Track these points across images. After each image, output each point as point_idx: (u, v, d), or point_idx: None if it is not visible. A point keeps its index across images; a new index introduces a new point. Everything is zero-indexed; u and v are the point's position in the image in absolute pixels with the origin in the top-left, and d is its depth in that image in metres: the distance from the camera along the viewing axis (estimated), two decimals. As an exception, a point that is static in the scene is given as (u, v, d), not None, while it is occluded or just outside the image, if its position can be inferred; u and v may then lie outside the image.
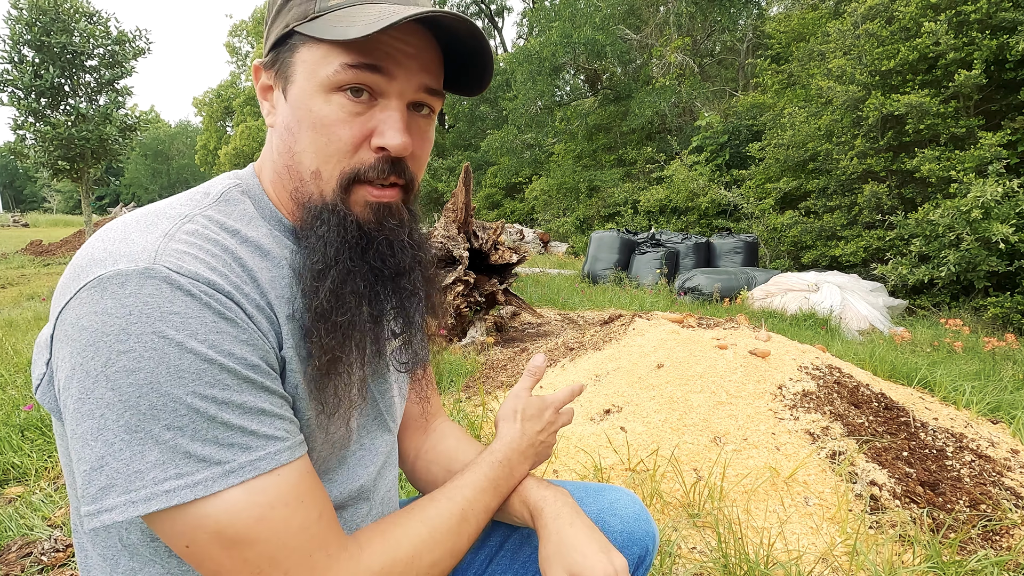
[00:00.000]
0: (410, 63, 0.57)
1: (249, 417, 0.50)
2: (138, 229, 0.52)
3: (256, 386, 0.51)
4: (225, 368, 0.49)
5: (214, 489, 0.47)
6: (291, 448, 0.53)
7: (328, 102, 0.56)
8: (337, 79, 0.55)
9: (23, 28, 11.64)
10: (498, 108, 20.45)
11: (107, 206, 44.29)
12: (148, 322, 0.46)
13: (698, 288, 6.46)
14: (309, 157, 0.57)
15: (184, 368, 0.47)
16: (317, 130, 0.56)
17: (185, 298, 0.48)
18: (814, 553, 1.52)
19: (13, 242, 17.36)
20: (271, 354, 0.54)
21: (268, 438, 0.51)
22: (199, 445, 0.47)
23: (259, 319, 0.53)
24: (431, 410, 0.88)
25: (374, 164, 0.58)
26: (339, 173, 0.57)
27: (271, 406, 0.52)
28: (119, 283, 0.47)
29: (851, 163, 7.87)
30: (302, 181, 0.59)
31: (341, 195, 0.58)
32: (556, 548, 0.67)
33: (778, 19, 13.82)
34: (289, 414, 0.55)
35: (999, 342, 4.37)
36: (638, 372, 2.43)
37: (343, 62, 0.54)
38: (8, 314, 5.24)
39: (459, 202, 3.95)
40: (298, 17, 0.56)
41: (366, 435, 0.69)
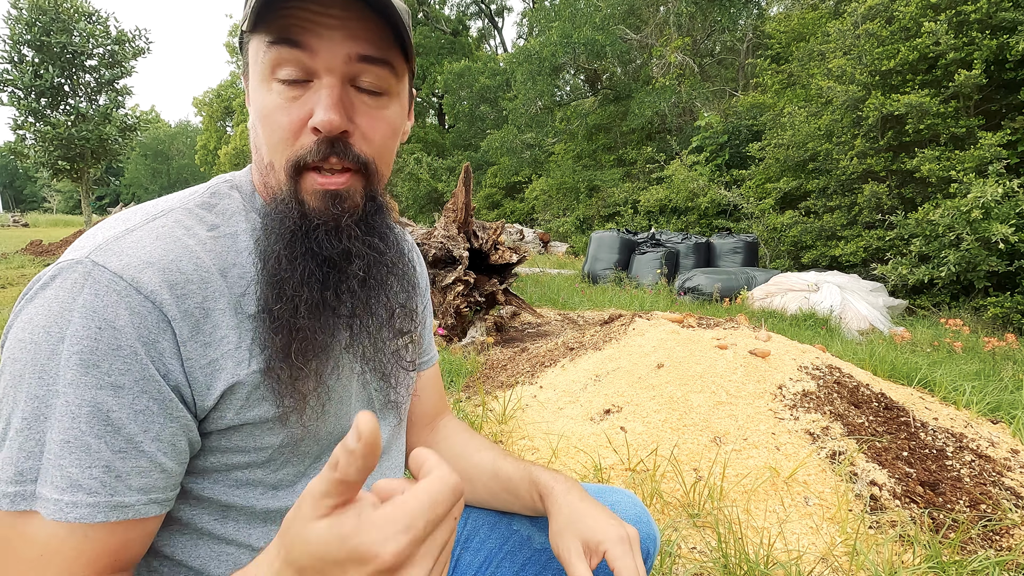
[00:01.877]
0: (332, 33, 0.53)
1: (68, 449, 0.45)
2: (109, 225, 0.54)
3: (97, 414, 0.46)
4: (75, 383, 0.45)
5: (18, 507, 0.45)
6: (93, 507, 0.46)
7: (269, 91, 0.55)
8: (266, 62, 0.54)
9: (23, 28, 11.64)
10: (498, 108, 20.45)
11: (107, 206, 44.25)
12: (45, 315, 0.47)
13: (698, 288, 6.46)
14: (265, 150, 0.57)
15: (45, 370, 0.46)
16: (263, 121, 0.55)
17: (87, 296, 0.47)
18: (814, 553, 1.52)
19: (13, 242, 17.35)
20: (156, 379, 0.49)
21: (72, 483, 0.45)
22: (23, 456, 0.45)
23: (180, 325, 0.50)
24: (436, 408, 0.88)
25: (311, 147, 0.54)
26: (285, 162, 0.55)
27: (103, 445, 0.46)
28: (53, 275, 0.49)
29: (851, 163, 7.87)
30: (266, 174, 0.59)
31: (291, 185, 0.56)
32: (568, 519, 0.67)
33: (778, 19, 13.81)
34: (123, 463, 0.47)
35: (999, 342, 4.37)
36: (638, 372, 2.43)
37: (267, 41, 0.53)
38: (8, 314, 5.23)
39: (459, 202, 3.95)
40: (244, 18, 0.56)
41: None
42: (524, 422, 2.34)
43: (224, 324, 0.54)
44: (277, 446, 0.59)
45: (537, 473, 0.75)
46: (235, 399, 0.54)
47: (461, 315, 3.89)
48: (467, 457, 0.81)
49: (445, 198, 18.33)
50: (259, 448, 0.58)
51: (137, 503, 0.49)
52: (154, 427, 0.49)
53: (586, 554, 0.64)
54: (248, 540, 0.60)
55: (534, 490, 0.73)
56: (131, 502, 0.48)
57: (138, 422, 0.48)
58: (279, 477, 0.60)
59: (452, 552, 0.83)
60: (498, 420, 2.38)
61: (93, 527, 0.46)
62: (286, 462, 0.60)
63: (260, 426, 0.57)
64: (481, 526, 0.83)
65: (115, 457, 0.47)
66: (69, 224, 29.28)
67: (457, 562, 0.83)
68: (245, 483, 0.58)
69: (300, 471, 0.62)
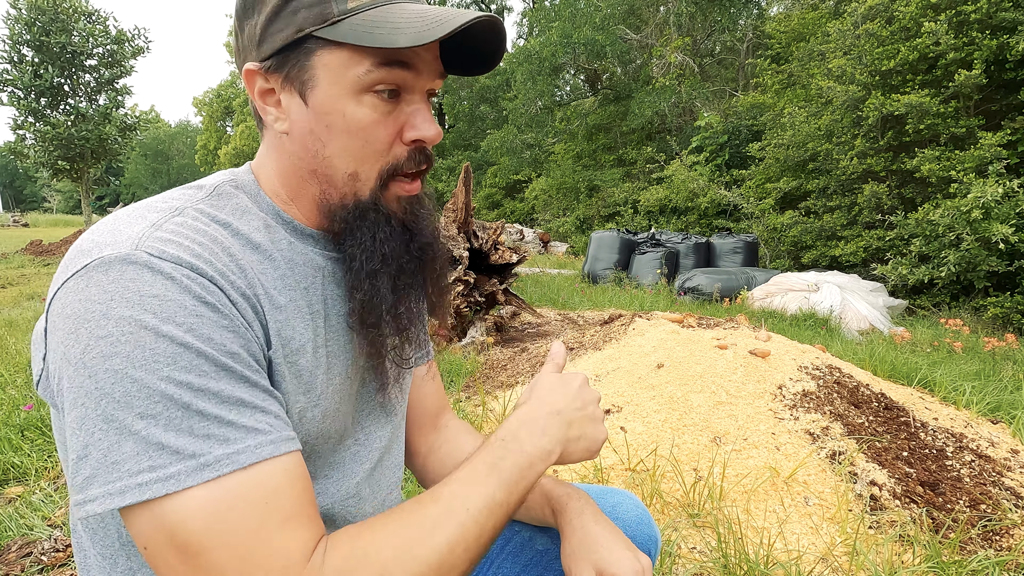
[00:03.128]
0: (428, 55, 0.58)
1: (227, 407, 0.47)
2: (127, 221, 0.53)
3: (235, 375, 0.48)
4: (202, 354, 0.46)
5: (187, 484, 0.44)
6: (274, 443, 0.49)
7: (360, 104, 0.56)
8: (369, 79, 0.55)
9: (22, 28, 11.64)
10: (498, 108, 20.45)
11: (107, 206, 44.27)
12: (126, 306, 0.45)
13: (698, 288, 6.46)
14: (344, 160, 0.58)
15: (159, 353, 0.45)
16: (353, 133, 0.57)
17: (165, 281, 0.47)
18: (814, 553, 1.52)
19: (13, 242, 17.35)
20: (253, 344, 0.52)
21: (248, 430, 0.48)
22: (172, 435, 0.45)
23: (243, 307, 0.52)
24: (438, 406, 0.88)
25: (410, 156, 0.60)
26: (377, 172, 0.59)
27: (251, 397, 0.49)
28: (102, 270, 0.47)
29: (851, 163, 7.87)
30: (332, 184, 0.59)
31: (379, 193, 0.60)
32: (581, 543, 0.67)
33: (778, 19, 13.82)
34: (274, 407, 0.51)
35: (999, 342, 4.37)
36: (638, 372, 2.43)
37: (374, 62, 0.55)
38: (8, 314, 5.24)
39: (459, 202, 3.95)
40: (315, 21, 0.54)
41: (360, 430, 0.69)
42: (524, 422, 2.34)
43: (267, 309, 0.56)
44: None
45: (549, 485, 0.74)
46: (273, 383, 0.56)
47: (461, 315, 3.89)
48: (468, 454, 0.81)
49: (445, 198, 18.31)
50: None
51: (295, 436, 0.53)
52: (266, 380, 0.53)
53: None
54: None
55: (546, 504, 0.73)
56: (293, 435, 0.52)
57: (261, 377, 0.52)
58: None
59: None
60: (498, 420, 2.38)
61: (285, 461, 0.50)
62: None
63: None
64: (483, 526, 0.83)
65: (266, 403, 0.51)
66: (69, 224, 29.28)
67: (458, 563, 0.83)
68: None
69: (311, 473, 0.62)
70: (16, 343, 3.70)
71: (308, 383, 0.59)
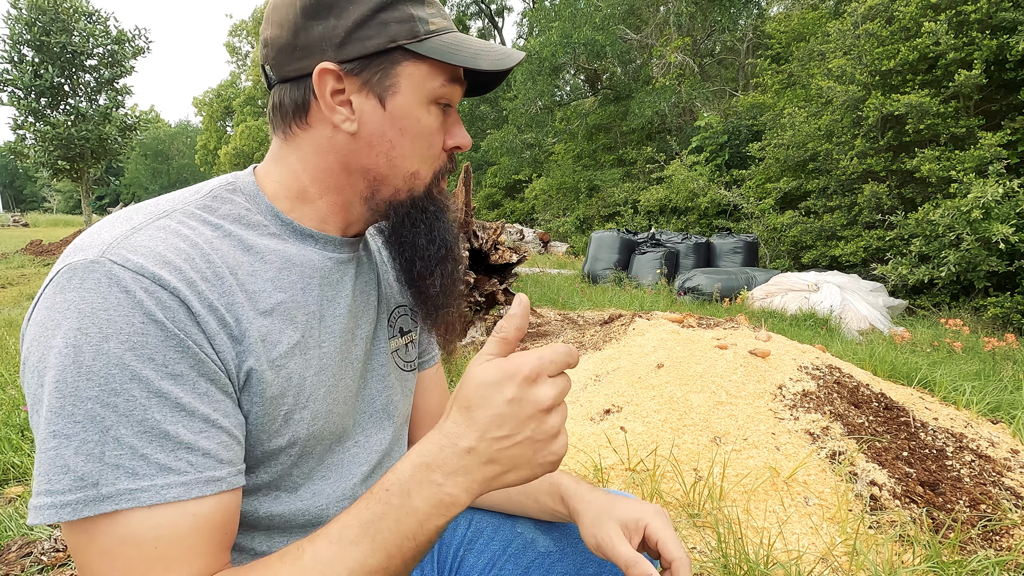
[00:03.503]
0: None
1: (147, 438, 0.45)
2: (111, 224, 0.53)
3: (167, 402, 0.47)
4: (136, 376, 0.45)
5: (81, 514, 0.44)
6: (186, 485, 0.47)
7: (429, 113, 0.63)
8: (440, 92, 0.63)
9: (23, 28, 11.64)
10: (498, 108, 20.46)
11: (107, 206, 44.27)
12: (76, 318, 0.45)
13: (698, 288, 6.46)
14: (410, 161, 0.64)
15: (94, 371, 0.45)
16: (423, 137, 0.63)
17: (119, 294, 0.46)
18: (814, 553, 1.52)
19: (13, 242, 17.34)
20: (208, 362, 0.50)
21: (161, 468, 0.46)
22: (82, 459, 0.44)
23: (206, 319, 0.50)
24: (441, 407, 0.88)
25: (447, 161, 0.68)
26: (433, 172, 0.67)
27: (179, 430, 0.47)
28: (67, 276, 0.47)
29: (851, 163, 7.87)
30: (386, 182, 0.64)
31: (433, 189, 0.68)
32: (600, 510, 0.68)
33: (778, 19, 13.82)
34: (205, 442, 0.48)
35: (999, 342, 4.37)
36: (638, 372, 2.43)
37: (447, 78, 0.63)
38: (8, 314, 5.24)
39: (459, 202, 3.95)
40: (407, 35, 0.60)
41: (361, 432, 0.69)
42: (524, 422, 2.34)
43: (244, 319, 0.54)
44: (283, 447, 0.59)
45: (558, 477, 0.76)
46: (252, 392, 0.55)
47: (462, 314, 3.89)
48: None
49: (445, 198, 18.30)
50: (267, 450, 0.57)
51: (228, 475, 0.50)
52: (220, 405, 0.51)
53: (626, 535, 0.65)
54: (251, 545, 0.60)
55: (555, 493, 0.74)
56: (223, 475, 0.50)
57: (205, 403, 0.49)
58: (284, 481, 0.60)
59: (456, 554, 0.83)
60: (498, 420, 2.38)
61: (198, 504, 0.48)
62: (292, 465, 0.60)
63: (269, 425, 0.57)
64: (485, 528, 0.82)
65: (197, 438, 0.48)
66: (69, 224, 29.28)
67: (461, 564, 0.83)
68: (250, 488, 0.58)
69: (305, 473, 0.62)
70: (16, 343, 3.70)
71: (297, 385, 0.58)
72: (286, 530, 0.61)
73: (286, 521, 0.61)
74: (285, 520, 0.60)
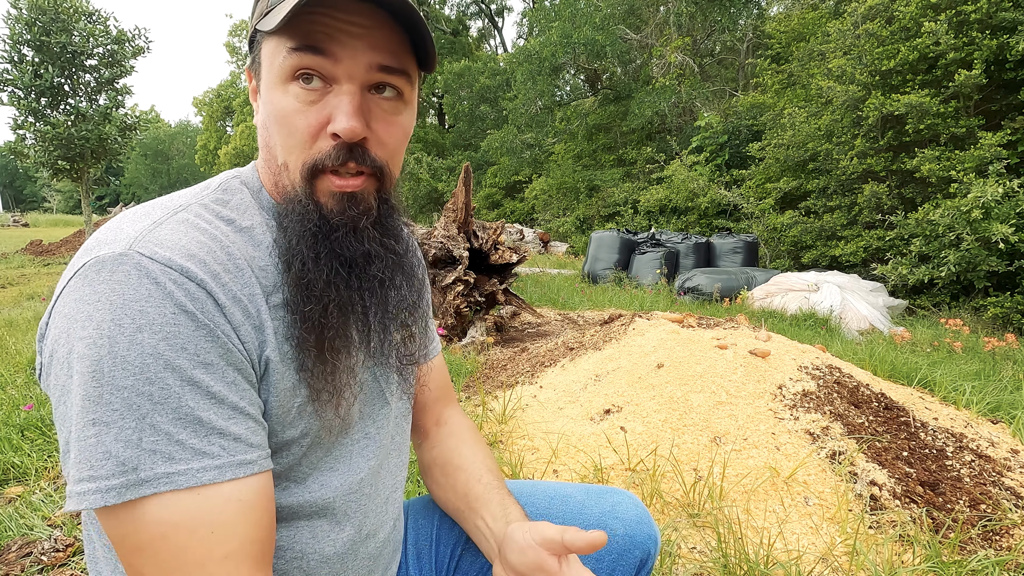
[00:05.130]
0: (356, 43, 0.54)
1: (181, 424, 0.47)
2: (132, 219, 0.54)
3: (199, 390, 0.48)
4: (169, 365, 0.46)
5: (124, 498, 0.45)
6: (220, 468, 0.48)
7: (285, 93, 0.56)
8: (286, 66, 0.55)
9: (23, 28, 11.63)
10: (498, 108, 20.44)
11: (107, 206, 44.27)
12: (108, 310, 0.46)
13: (698, 288, 6.46)
14: (279, 150, 0.58)
15: (129, 360, 0.45)
16: (279, 123, 0.57)
17: (149, 286, 0.47)
18: (814, 553, 1.52)
19: (13, 242, 17.35)
20: (236, 352, 0.51)
21: (196, 452, 0.47)
22: (121, 446, 0.45)
23: (232, 311, 0.52)
24: (441, 399, 0.89)
25: (330, 152, 0.56)
26: (301, 164, 0.57)
27: (211, 415, 0.48)
28: (96, 269, 0.48)
29: (851, 163, 7.87)
30: (278, 174, 0.60)
31: (306, 186, 0.58)
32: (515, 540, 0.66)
33: (778, 19, 13.81)
34: (236, 427, 0.50)
35: (999, 342, 4.37)
36: (638, 372, 2.43)
37: (288, 47, 0.54)
38: (8, 314, 5.23)
39: (459, 202, 3.95)
40: (258, 15, 0.58)
41: (372, 424, 0.69)
42: (524, 422, 2.34)
43: (263, 310, 0.56)
44: (296, 437, 0.60)
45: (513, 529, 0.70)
46: (269, 382, 0.56)
47: (461, 315, 3.89)
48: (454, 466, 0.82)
49: (445, 198, 18.33)
50: (279, 440, 0.58)
51: (258, 458, 0.52)
52: (247, 394, 0.52)
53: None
54: None
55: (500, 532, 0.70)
56: (253, 458, 0.51)
57: (234, 392, 0.51)
58: (293, 472, 0.61)
59: (453, 553, 0.83)
60: (498, 420, 2.38)
61: (237, 487, 0.49)
62: (303, 455, 0.61)
63: (284, 417, 0.58)
64: (482, 527, 0.83)
65: (228, 424, 0.50)
66: (69, 224, 29.27)
67: (458, 563, 0.83)
68: None
69: (313, 464, 0.63)
70: (16, 343, 3.70)
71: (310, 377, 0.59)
72: (292, 521, 0.62)
73: (293, 512, 0.61)
74: (292, 511, 0.61)
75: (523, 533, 0.65)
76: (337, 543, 0.65)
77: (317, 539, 0.63)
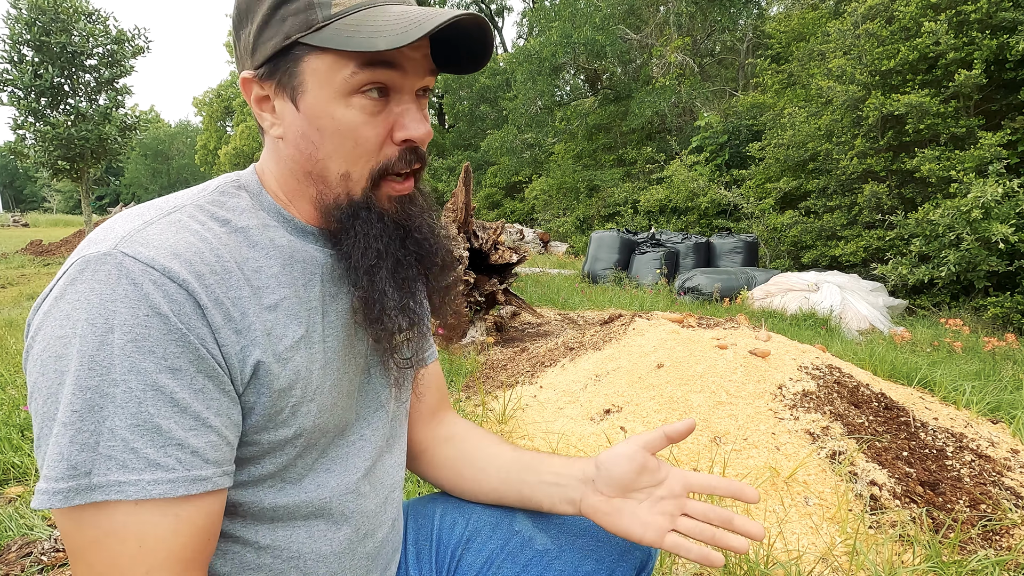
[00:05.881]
0: (416, 55, 0.57)
1: (139, 432, 0.46)
2: (125, 219, 0.54)
3: (163, 397, 0.47)
4: (135, 368, 0.46)
5: (72, 502, 0.45)
6: (173, 483, 0.47)
7: (349, 106, 0.56)
8: (354, 81, 0.55)
9: (23, 28, 11.63)
10: (498, 108, 20.45)
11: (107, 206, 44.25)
12: (85, 308, 0.46)
13: (698, 288, 6.46)
14: (336, 162, 0.59)
15: (97, 361, 0.45)
16: (343, 135, 0.57)
17: (127, 286, 0.47)
18: (814, 553, 1.52)
19: (13, 242, 17.36)
20: (207, 357, 0.51)
21: (149, 463, 0.47)
22: (76, 449, 0.45)
23: (213, 313, 0.51)
24: (438, 404, 0.89)
25: (401, 156, 0.60)
26: (368, 172, 0.59)
27: (173, 424, 0.48)
28: (80, 268, 0.48)
29: (851, 163, 7.87)
30: (327, 185, 0.60)
31: (371, 192, 0.60)
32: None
33: (778, 19, 13.82)
34: (196, 440, 0.49)
35: (999, 342, 4.37)
36: (638, 372, 2.43)
37: (358, 63, 0.55)
38: (8, 314, 5.23)
39: (459, 202, 3.95)
40: (301, 28, 0.55)
41: (367, 426, 0.69)
42: (524, 422, 2.34)
43: (250, 312, 0.55)
44: (290, 438, 0.59)
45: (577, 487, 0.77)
46: (259, 384, 0.56)
47: (461, 315, 3.89)
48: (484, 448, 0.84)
49: (445, 198, 18.30)
50: (273, 440, 0.58)
51: (214, 475, 0.51)
52: (214, 403, 0.51)
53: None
54: (255, 538, 0.61)
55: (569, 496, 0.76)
56: (208, 475, 0.50)
57: (200, 400, 0.50)
58: (288, 472, 0.61)
59: (454, 552, 0.83)
60: (498, 420, 2.38)
61: (181, 504, 0.48)
62: (297, 456, 0.61)
63: (276, 416, 0.58)
64: (482, 527, 0.82)
65: (188, 435, 0.49)
66: (69, 224, 29.28)
67: (459, 563, 0.83)
68: (255, 479, 0.59)
69: (308, 465, 0.63)
70: (16, 343, 3.70)
71: (305, 378, 0.59)
72: (289, 522, 0.62)
73: (289, 513, 0.61)
74: (289, 512, 0.61)
75: (623, 447, 0.71)
76: (334, 543, 0.65)
77: (314, 539, 0.63)
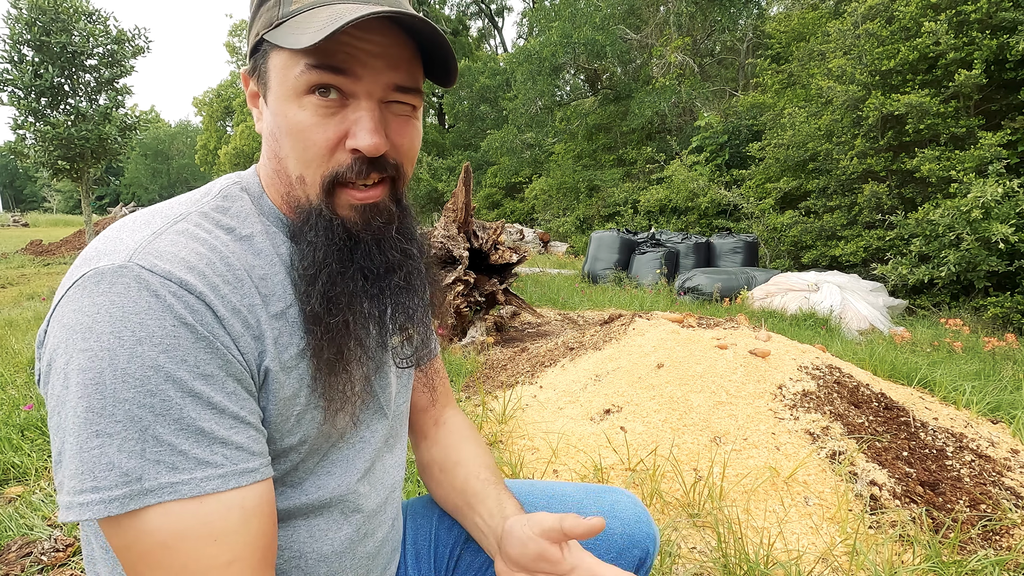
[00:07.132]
0: (375, 62, 0.55)
1: (184, 435, 0.47)
2: (131, 228, 0.54)
3: (200, 401, 0.48)
4: (170, 377, 0.47)
5: (128, 507, 0.45)
6: (224, 477, 0.49)
7: (301, 107, 0.55)
8: (303, 81, 0.54)
9: (23, 28, 11.63)
10: (498, 108, 20.44)
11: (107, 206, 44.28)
12: (108, 322, 0.46)
13: (698, 288, 6.46)
14: (292, 163, 0.58)
15: (130, 373, 0.46)
16: (294, 135, 0.56)
17: (149, 298, 0.47)
18: (814, 553, 1.52)
19: (13, 242, 17.35)
20: (235, 364, 0.52)
21: (199, 461, 0.48)
22: (124, 457, 0.45)
23: (231, 322, 0.52)
24: (440, 400, 0.89)
25: (351, 165, 0.57)
26: (320, 177, 0.57)
27: (213, 426, 0.49)
28: (95, 280, 0.48)
29: (851, 163, 7.87)
30: (291, 186, 0.60)
31: (325, 199, 0.58)
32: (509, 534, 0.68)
33: (778, 19, 13.80)
34: (238, 437, 0.51)
35: (999, 342, 4.37)
36: (638, 372, 2.43)
37: (306, 63, 0.54)
38: (8, 314, 5.23)
39: (459, 202, 3.95)
40: (266, 24, 0.57)
41: (366, 428, 0.69)
42: (524, 422, 2.34)
43: (263, 320, 0.56)
44: (295, 445, 0.60)
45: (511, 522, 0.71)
46: (268, 391, 0.56)
47: (461, 315, 3.89)
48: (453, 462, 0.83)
49: (445, 198, 18.33)
50: (279, 448, 0.59)
51: (260, 466, 0.52)
52: (247, 404, 0.53)
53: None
54: None
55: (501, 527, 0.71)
56: (255, 466, 0.52)
57: (234, 402, 0.51)
58: (289, 477, 0.61)
59: (452, 553, 0.83)
60: (498, 420, 2.38)
61: (242, 494, 0.50)
62: (300, 461, 0.61)
63: (282, 424, 0.58)
64: (482, 527, 0.83)
65: (230, 433, 0.50)
66: (69, 224, 29.28)
67: (457, 563, 0.83)
68: None
69: (309, 468, 0.63)
70: (16, 343, 3.70)
71: (309, 386, 0.59)
72: (289, 521, 0.62)
73: (290, 513, 0.62)
74: (289, 513, 0.62)
75: (521, 526, 0.65)
76: (335, 542, 0.65)
77: (315, 538, 0.64)
